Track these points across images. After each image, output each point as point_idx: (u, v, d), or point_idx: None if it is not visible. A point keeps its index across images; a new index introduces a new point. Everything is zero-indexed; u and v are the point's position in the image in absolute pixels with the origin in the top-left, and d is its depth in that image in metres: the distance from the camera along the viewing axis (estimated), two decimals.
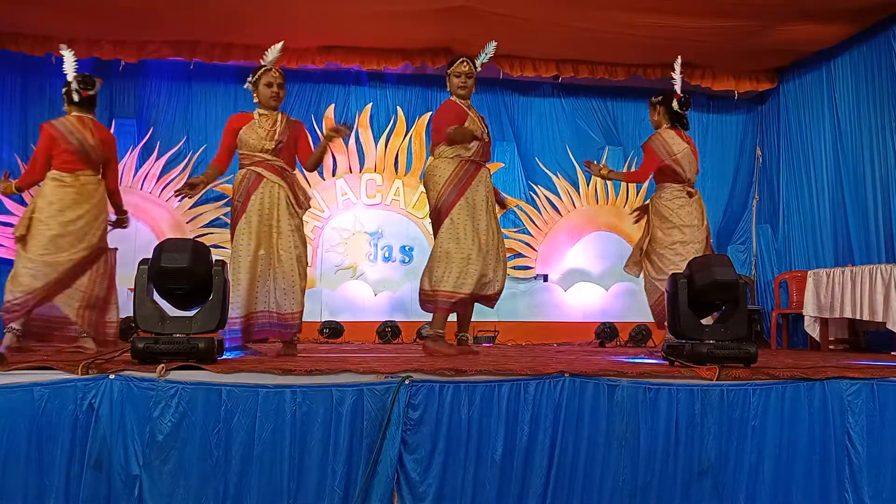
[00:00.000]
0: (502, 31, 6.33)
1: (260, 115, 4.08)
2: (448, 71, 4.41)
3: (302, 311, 3.95)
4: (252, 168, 3.97)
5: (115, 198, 4.40)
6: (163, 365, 2.77)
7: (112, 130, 6.92)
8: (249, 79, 4.16)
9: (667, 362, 3.41)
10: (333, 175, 7.31)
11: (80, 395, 2.66)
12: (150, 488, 2.63)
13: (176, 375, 2.76)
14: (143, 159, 6.97)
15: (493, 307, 4.37)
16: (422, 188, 7.36)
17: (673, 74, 4.85)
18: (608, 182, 7.62)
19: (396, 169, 7.41)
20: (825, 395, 3.02)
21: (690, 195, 4.63)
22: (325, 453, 2.72)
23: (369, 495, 2.71)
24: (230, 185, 6.90)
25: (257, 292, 3.87)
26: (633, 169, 7.63)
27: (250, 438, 2.70)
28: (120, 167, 6.86)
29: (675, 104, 4.77)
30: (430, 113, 7.50)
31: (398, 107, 7.47)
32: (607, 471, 2.86)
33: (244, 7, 5.92)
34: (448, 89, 4.44)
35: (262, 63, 4.15)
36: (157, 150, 6.94)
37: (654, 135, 4.79)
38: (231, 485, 2.67)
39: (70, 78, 4.24)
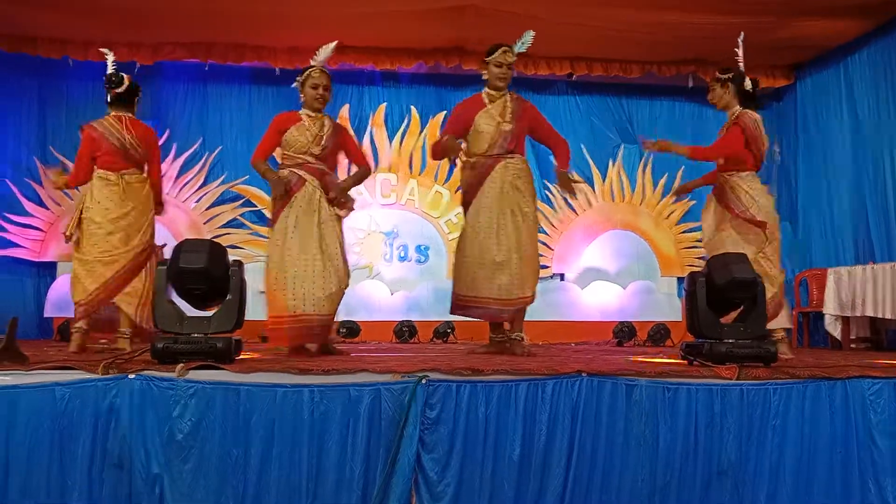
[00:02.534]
0: (515, 29, 6.28)
1: (307, 116, 4.04)
2: (487, 59, 4.21)
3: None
4: (294, 170, 3.95)
5: (155, 189, 4.41)
6: (182, 365, 2.79)
7: None
8: (298, 78, 4.11)
9: (685, 361, 3.39)
10: (348, 173, 7.31)
11: (101, 394, 2.69)
12: (170, 487, 2.65)
13: (195, 375, 2.78)
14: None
15: (504, 318, 4.19)
16: (436, 187, 7.40)
17: (738, 52, 4.27)
18: (623, 179, 7.58)
19: (411, 168, 7.41)
20: (847, 395, 2.99)
21: None
22: (343, 452, 2.73)
23: (387, 494, 2.72)
24: (245, 186, 7.04)
25: (294, 293, 3.80)
26: (647, 168, 7.61)
27: (269, 437, 2.71)
28: None
29: (748, 83, 4.22)
30: (444, 112, 7.50)
31: (412, 106, 7.47)
32: (626, 471, 2.85)
33: (258, 8, 5.94)
34: (485, 77, 4.24)
35: (313, 62, 4.10)
36: (173, 152, 6.98)
37: (747, 112, 4.13)
38: (250, 484, 2.69)
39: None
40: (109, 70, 4.37)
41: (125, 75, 4.38)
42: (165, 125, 7.13)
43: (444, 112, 7.49)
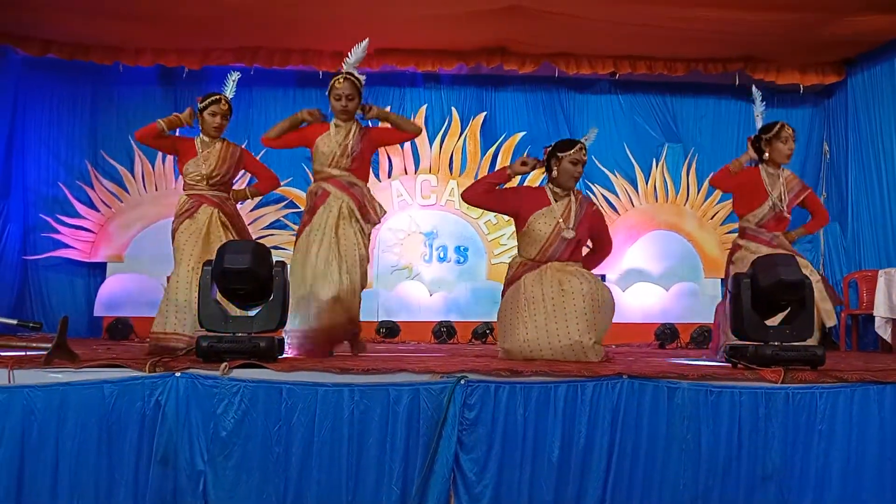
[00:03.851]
0: (557, 29, 6.31)
1: (336, 125, 4.04)
2: (560, 153, 3.77)
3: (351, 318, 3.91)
4: (321, 183, 3.97)
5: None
6: (226, 363, 2.84)
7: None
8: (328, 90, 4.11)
9: (729, 364, 3.33)
10: (389, 177, 7.38)
11: (148, 392, 2.74)
12: (213, 483, 2.70)
13: (238, 373, 2.82)
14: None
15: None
16: None
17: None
18: (668, 179, 7.49)
19: (451, 170, 7.43)
20: None
21: None
22: (383, 451, 2.75)
23: (426, 494, 2.73)
24: (289, 188, 7.14)
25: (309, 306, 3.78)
26: (692, 168, 7.50)
27: (310, 435, 2.74)
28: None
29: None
30: (484, 113, 7.51)
31: (453, 108, 7.49)
32: (667, 475, 2.81)
33: (302, 13, 6.03)
34: (553, 175, 3.81)
35: (344, 65, 4.11)
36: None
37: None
38: (291, 481, 2.72)
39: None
40: (231, 93, 4.42)
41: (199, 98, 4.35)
42: None
43: (484, 113, 7.50)
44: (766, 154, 4.26)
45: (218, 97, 4.23)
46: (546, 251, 3.75)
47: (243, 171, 4.43)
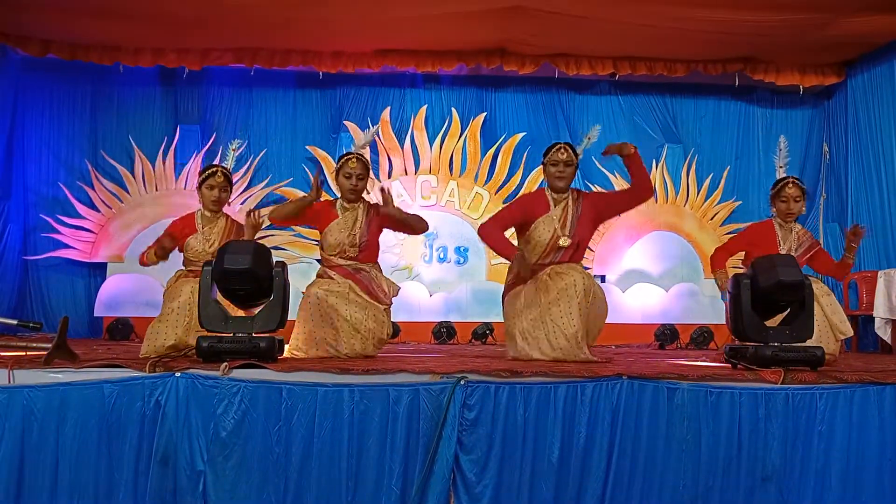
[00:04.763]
0: (557, 29, 6.31)
1: (343, 208, 3.90)
2: (544, 159, 3.87)
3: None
4: (326, 269, 3.87)
5: None
6: (226, 364, 2.84)
7: (177, 137, 7.17)
8: (336, 168, 3.96)
9: (729, 365, 3.33)
10: (389, 177, 7.38)
11: (148, 392, 2.74)
12: (213, 483, 2.70)
13: (238, 374, 2.82)
14: (207, 164, 7.18)
15: None
16: (476, 189, 7.40)
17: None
18: (667, 180, 7.49)
19: (451, 170, 7.43)
20: None
21: None
22: (383, 452, 2.75)
23: (426, 495, 2.73)
24: (290, 189, 7.14)
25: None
26: (692, 169, 7.51)
27: (310, 436, 2.74)
28: (185, 172, 7.11)
29: None
30: (484, 114, 7.51)
31: (453, 108, 7.49)
32: (667, 475, 2.81)
33: (302, 13, 6.03)
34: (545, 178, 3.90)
35: (353, 148, 3.94)
36: (219, 155, 7.11)
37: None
38: (291, 481, 2.72)
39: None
40: (231, 163, 4.19)
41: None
42: (212, 129, 7.29)
43: (484, 114, 7.51)
44: (773, 210, 4.20)
45: (213, 170, 3.99)
46: (546, 257, 3.78)
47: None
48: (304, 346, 3.66)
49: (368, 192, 4.06)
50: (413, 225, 4.00)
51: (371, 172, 4.02)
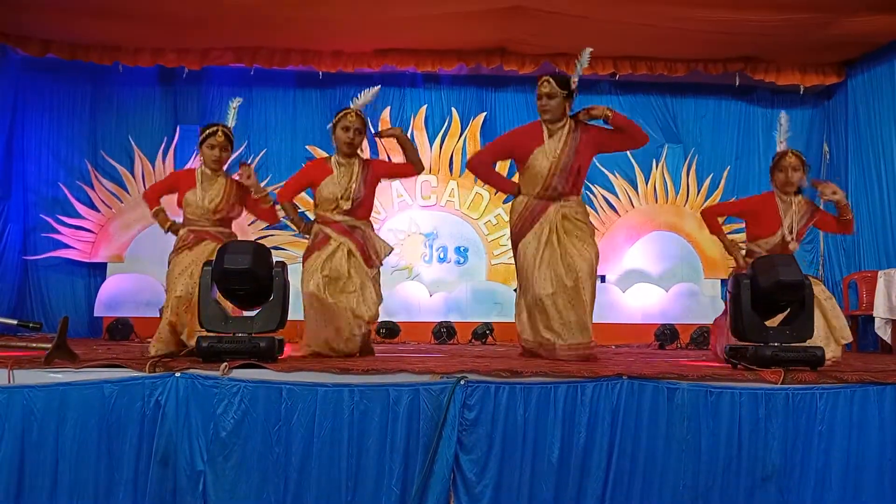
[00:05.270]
0: (557, 29, 6.30)
1: (338, 164, 3.93)
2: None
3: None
4: (321, 226, 3.91)
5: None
6: (226, 364, 2.84)
7: (177, 137, 7.16)
8: (332, 122, 4.00)
9: (729, 365, 3.33)
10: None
11: (148, 392, 2.74)
12: (213, 483, 2.70)
13: (238, 374, 2.82)
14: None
15: None
16: (476, 189, 7.40)
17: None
18: (667, 180, 7.48)
19: (451, 170, 7.43)
20: None
21: None
22: (382, 452, 2.75)
23: (426, 495, 2.73)
24: None
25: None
26: (692, 169, 7.50)
27: (309, 436, 2.74)
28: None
29: None
30: (484, 113, 7.51)
31: (453, 108, 7.49)
32: (667, 475, 2.81)
33: (302, 13, 6.03)
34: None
35: (352, 104, 3.98)
36: None
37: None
38: (291, 481, 2.72)
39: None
40: (232, 122, 4.13)
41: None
42: None
43: (484, 113, 7.50)
44: (773, 183, 4.17)
45: (214, 129, 3.93)
46: (548, 186, 3.87)
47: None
48: (312, 343, 3.76)
49: (362, 151, 4.11)
50: (413, 158, 4.06)
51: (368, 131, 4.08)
